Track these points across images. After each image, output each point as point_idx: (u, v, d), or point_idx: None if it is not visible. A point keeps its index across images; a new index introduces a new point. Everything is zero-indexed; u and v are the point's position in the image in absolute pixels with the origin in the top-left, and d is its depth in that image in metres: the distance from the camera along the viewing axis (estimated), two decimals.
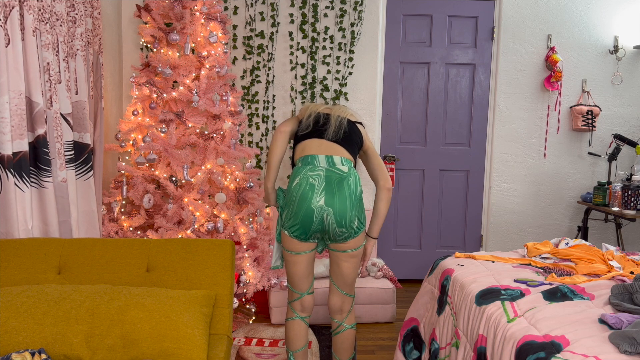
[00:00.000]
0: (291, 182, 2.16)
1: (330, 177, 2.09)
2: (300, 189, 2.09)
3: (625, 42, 4.07)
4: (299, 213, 2.08)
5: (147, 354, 1.67)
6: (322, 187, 2.07)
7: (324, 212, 2.07)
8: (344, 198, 2.08)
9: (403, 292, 4.01)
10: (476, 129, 4.18)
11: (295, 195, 2.10)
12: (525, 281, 2.17)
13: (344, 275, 2.26)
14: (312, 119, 2.26)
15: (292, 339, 2.35)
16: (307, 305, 2.33)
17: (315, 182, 2.07)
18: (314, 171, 2.09)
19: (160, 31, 3.14)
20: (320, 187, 2.07)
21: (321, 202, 2.06)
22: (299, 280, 2.28)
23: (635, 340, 1.50)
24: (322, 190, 2.07)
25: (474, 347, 1.97)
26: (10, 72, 2.12)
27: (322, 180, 2.07)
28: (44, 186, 2.33)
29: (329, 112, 2.29)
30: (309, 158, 2.14)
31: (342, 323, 2.35)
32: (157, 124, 3.12)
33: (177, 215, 3.06)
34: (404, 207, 4.23)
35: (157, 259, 2.02)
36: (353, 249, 2.19)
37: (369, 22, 3.93)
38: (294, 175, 2.17)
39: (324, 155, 2.13)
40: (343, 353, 2.38)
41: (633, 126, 4.18)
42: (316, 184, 2.07)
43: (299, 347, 2.36)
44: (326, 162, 2.12)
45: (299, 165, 2.17)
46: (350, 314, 2.36)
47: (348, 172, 2.12)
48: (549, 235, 4.25)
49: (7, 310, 1.70)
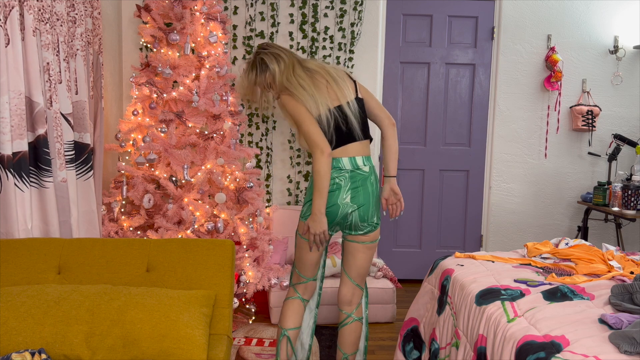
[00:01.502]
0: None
1: (354, 177, 2.22)
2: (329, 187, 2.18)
3: (625, 42, 4.07)
4: (327, 204, 2.18)
5: (147, 354, 1.67)
6: (349, 186, 2.20)
7: (349, 208, 2.21)
8: (368, 196, 2.23)
9: (403, 292, 4.01)
10: (476, 129, 4.18)
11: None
12: (525, 281, 2.17)
13: (358, 266, 2.34)
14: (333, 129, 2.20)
15: (288, 316, 2.33)
16: (311, 289, 2.38)
17: (342, 182, 2.20)
18: (340, 173, 2.21)
19: (160, 31, 3.14)
20: (346, 186, 2.20)
21: (347, 200, 2.20)
22: (309, 267, 2.33)
23: (635, 340, 1.50)
24: (348, 189, 2.21)
25: (474, 347, 1.97)
26: (10, 72, 2.13)
27: (348, 180, 2.21)
28: (44, 186, 2.33)
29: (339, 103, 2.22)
30: (333, 162, 2.22)
31: (351, 314, 2.38)
32: (157, 124, 3.12)
33: (177, 215, 3.06)
34: (404, 207, 4.23)
35: (157, 259, 2.02)
36: (371, 241, 2.31)
37: (369, 22, 3.93)
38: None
39: (347, 158, 2.23)
40: (348, 346, 2.38)
41: (633, 126, 4.18)
42: (342, 184, 2.20)
43: (293, 326, 2.33)
44: (350, 164, 2.22)
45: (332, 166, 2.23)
46: (359, 307, 2.40)
47: (369, 172, 2.26)
48: (549, 235, 4.25)
49: (7, 310, 1.70)
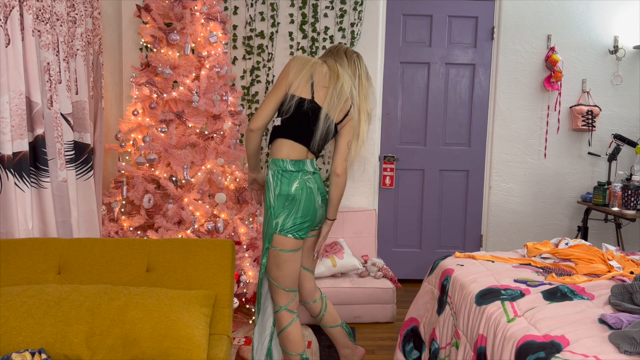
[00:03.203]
0: (288, 186, 2.21)
1: (316, 179, 2.30)
2: (304, 193, 2.23)
3: (625, 42, 4.07)
4: (308, 211, 2.25)
5: (147, 354, 1.67)
6: (316, 187, 2.28)
7: (321, 209, 2.31)
8: (324, 194, 2.34)
9: (403, 292, 4.01)
10: (476, 129, 4.18)
11: (300, 198, 2.23)
12: (525, 281, 2.17)
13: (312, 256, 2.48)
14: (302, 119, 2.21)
15: (299, 340, 2.33)
16: (297, 301, 2.39)
17: (312, 185, 2.26)
18: (306, 175, 2.26)
19: (160, 31, 3.14)
20: (315, 188, 2.27)
21: (319, 202, 2.29)
22: (295, 278, 2.32)
23: (635, 340, 1.50)
24: (317, 191, 2.28)
25: (474, 347, 1.97)
26: (10, 72, 2.13)
27: (314, 182, 2.28)
28: (44, 186, 2.33)
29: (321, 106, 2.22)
30: (300, 163, 2.25)
31: (322, 296, 2.52)
32: (157, 124, 3.12)
33: (177, 215, 3.06)
34: (404, 207, 4.23)
35: (157, 259, 2.02)
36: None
37: (369, 22, 3.93)
38: (289, 178, 2.22)
39: (309, 160, 2.27)
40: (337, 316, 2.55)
41: (633, 126, 4.18)
42: (313, 187, 2.27)
43: (304, 347, 2.35)
44: (311, 166, 2.28)
45: (290, 167, 2.23)
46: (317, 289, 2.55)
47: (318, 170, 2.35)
48: (549, 235, 4.25)
49: (7, 310, 1.70)
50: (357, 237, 3.85)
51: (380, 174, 4.15)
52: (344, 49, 2.37)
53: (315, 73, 2.22)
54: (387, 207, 4.21)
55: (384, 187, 4.17)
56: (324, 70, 2.25)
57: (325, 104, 2.21)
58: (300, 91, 2.20)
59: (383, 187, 4.17)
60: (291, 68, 2.21)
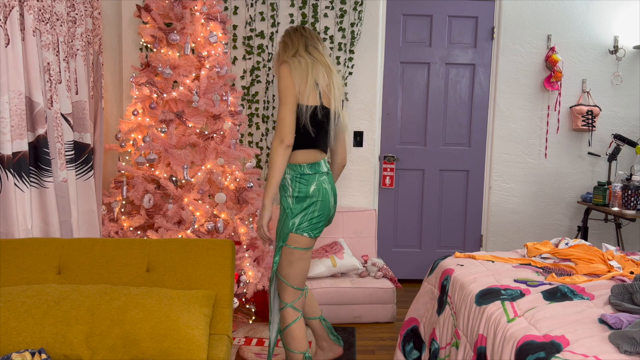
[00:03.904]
0: (307, 187, 2.28)
1: (330, 179, 2.39)
2: (320, 193, 2.31)
3: (625, 42, 4.07)
4: (324, 211, 2.32)
5: (147, 354, 1.67)
6: (330, 188, 2.37)
7: (333, 210, 2.40)
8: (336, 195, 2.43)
9: (403, 292, 4.01)
10: (476, 129, 4.18)
11: (317, 199, 2.30)
12: (525, 281, 2.17)
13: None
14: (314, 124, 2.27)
15: (302, 338, 2.36)
16: (303, 300, 2.43)
17: (327, 186, 2.35)
18: (322, 176, 2.34)
19: (160, 31, 3.14)
20: (329, 189, 2.36)
21: (332, 202, 2.38)
22: (305, 277, 2.38)
23: (635, 340, 1.50)
24: (331, 191, 2.37)
25: (474, 347, 1.97)
26: (10, 72, 2.13)
27: (328, 183, 2.36)
28: (44, 186, 2.33)
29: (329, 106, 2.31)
30: (316, 166, 2.33)
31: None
32: (157, 124, 3.12)
33: (177, 215, 3.06)
34: (404, 207, 4.23)
35: (157, 259, 2.02)
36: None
37: (369, 22, 3.93)
38: (307, 180, 2.29)
39: (322, 161, 2.36)
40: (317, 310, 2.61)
41: (633, 126, 4.18)
42: (327, 188, 2.35)
43: (307, 346, 2.37)
44: (325, 166, 2.37)
45: (307, 171, 2.30)
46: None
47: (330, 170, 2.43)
48: (549, 235, 4.25)
49: (7, 310, 1.70)
50: (357, 237, 3.85)
51: (380, 174, 4.15)
52: (308, 30, 2.40)
53: (318, 77, 2.26)
54: (387, 207, 4.21)
55: (384, 187, 4.17)
56: (322, 70, 2.29)
57: (331, 103, 2.31)
58: (311, 100, 2.24)
59: (383, 187, 4.17)
60: (293, 76, 2.21)
